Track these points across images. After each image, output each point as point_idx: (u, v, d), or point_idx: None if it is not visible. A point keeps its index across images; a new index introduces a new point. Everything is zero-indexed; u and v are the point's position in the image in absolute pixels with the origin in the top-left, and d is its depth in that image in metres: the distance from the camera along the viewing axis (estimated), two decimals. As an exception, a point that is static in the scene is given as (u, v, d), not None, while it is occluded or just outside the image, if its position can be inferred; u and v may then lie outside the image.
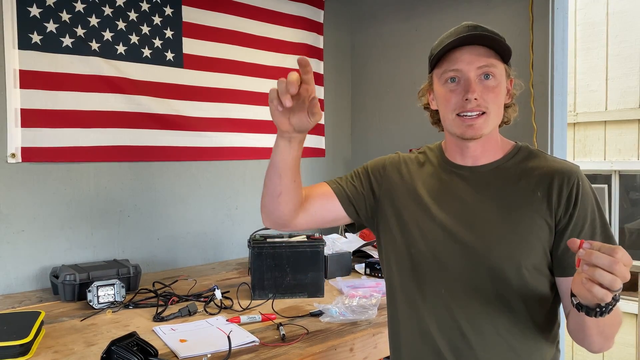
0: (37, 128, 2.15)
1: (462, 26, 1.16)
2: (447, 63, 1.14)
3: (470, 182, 1.18)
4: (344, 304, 1.79)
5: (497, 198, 1.14)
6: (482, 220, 1.13)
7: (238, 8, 2.78)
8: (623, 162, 5.48)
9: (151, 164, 2.52)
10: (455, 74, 1.13)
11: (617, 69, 5.49)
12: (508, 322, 1.10)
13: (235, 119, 2.78)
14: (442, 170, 1.23)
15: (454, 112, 1.13)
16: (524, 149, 1.20)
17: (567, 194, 1.09)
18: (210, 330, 1.60)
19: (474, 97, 1.10)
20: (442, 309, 1.14)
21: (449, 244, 1.14)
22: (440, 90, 1.17)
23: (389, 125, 3.17)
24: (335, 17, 3.30)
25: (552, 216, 1.09)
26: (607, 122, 5.60)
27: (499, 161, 1.18)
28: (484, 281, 1.10)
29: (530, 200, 1.11)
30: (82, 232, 2.31)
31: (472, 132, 1.12)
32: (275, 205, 1.20)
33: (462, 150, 1.20)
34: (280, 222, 1.24)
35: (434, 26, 2.89)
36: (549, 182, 1.11)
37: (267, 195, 1.21)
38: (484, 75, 1.12)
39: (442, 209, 1.18)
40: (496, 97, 1.13)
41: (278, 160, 1.13)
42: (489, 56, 1.12)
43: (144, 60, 2.45)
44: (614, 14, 5.47)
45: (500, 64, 1.14)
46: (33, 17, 2.12)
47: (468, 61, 1.11)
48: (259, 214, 1.28)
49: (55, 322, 1.71)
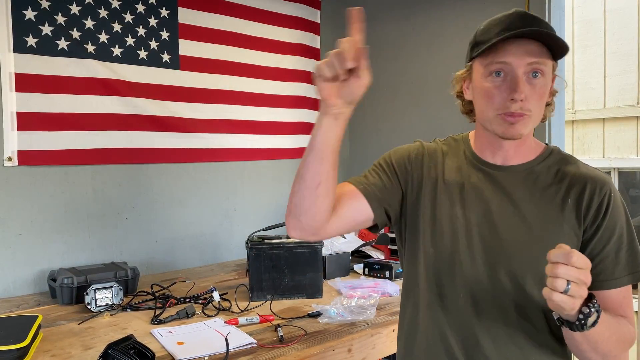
0: (33, 131, 2.14)
1: (514, 14, 1.05)
2: (495, 54, 1.04)
3: (499, 183, 1.12)
4: (343, 305, 1.78)
5: (525, 203, 1.08)
6: (507, 225, 1.08)
7: (234, 9, 2.78)
8: (622, 160, 5.48)
9: (148, 166, 2.51)
10: (503, 67, 1.03)
11: (615, 67, 5.49)
12: (525, 333, 1.06)
13: (232, 120, 2.77)
14: (469, 166, 1.16)
15: (496, 111, 1.05)
16: (555, 152, 1.15)
17: (598, 203, 1.04)
18: (208, 333, 1.60)
19: (520, 98, 1.01)
20: (459, 313, 1.09)
21: (471, 246, 1.09)
22: (483, 84, 1.07)
23: (387, 124, 3.17)
24: (332, 17, 3.29)
25: (580, 226, 1.05)
26: (605, 120, 5.60)
27: (530, 163, 1.12)
28: (503, 289, 1.06)
29: (559, 208, 1.06)
30: (80, 235, 2.30)
31: (512, 132, 1.05)
32: (313, 200, 1.05)
33: (494, 148, 1.13)
34: (313, 224, 1.08)
35: (431, 25, 2.88)
36: (580, 190, 1.06)
37: (303, 189, 1.05)
38: (533, 74, 1.03)
39: (467, 208, 1.12)
40: (541, 98, 1.05)
41: (320, 142, 1.01)
42: (541, 54, 1.03)
43: (140, 62, 2.44)
44: (612, 11, 5.46)
45: (550, 62, 1.05)
46: (28, 20, 2.12)
47: (519, 55, 1.02)
48: (257, 215, 1.24)
49: (53, 326, 1.70)
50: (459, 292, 1.10)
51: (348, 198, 1.14)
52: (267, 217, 2.86)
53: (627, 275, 1.05)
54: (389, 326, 1.67)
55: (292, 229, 1.11)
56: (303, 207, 1.06)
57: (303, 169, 1.04)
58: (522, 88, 1.01)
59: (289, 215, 1.09)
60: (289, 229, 1.11)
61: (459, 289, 1.10)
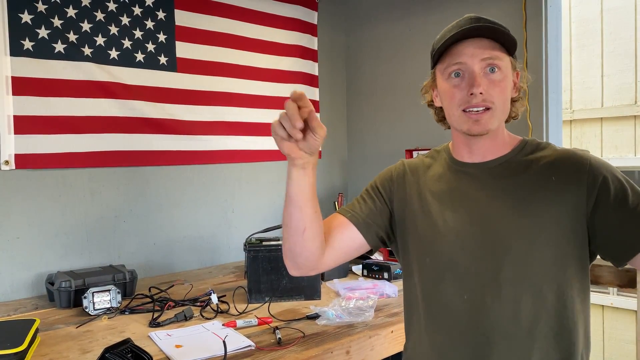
0: (30, 135, 2.14)
1: (464, 19, 1.12)
2: (450, 57, 1.10)
3: (480, 180, 1.14)
4: (341, 306, 1.78)
5: (510, 191, 1.10)
6: (497, 217, 1.09)
7: (231, 11, 2.78)
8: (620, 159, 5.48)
9: (146, 169, 2.51)
10: (459, 67, 1.09)
11: (612, 66, 5.49)
12: (538, 322, 1.05)
13: (229, 122, 2.77)
14: (449, 171, 1.19)
15: (459, 108, 1.09)
16: (531, 142, 1.16)
17: (588, 169, 1.04)
18: (206, 335, 1.59)
19: (479, 91, 1.06)
20: (466, 315, 1.09)
21: (467, 248, 1.10)
22: (444, 86, 1.13)
23: (385, 125, 3.17)
24: (329, 19, 3.29)
25: (577, 196, 1.04)
26: (603, 119, 5.60)
27: (507, 155, 1.14)
28: (508, 281, 1.06)
29: (545, 186, 1.07)
30: (78, 238, 2.30)
31: (478, 128, 1.08)
32: (302, 245, 1.12)
33: (469, 147, 1.16)
34: (309, 263, 1.16)
35: (428, 26, 2.88)
36: (562, 166, 1.07)
37: (291, 236, 1.12)
38: (489, 69, 1.08)
39: (455, 211, 1.13)
40: (502, 92, 1.09)
41: (296, 193, 1.07)
42: (493, 48, 1.08)
43: (137, 65, 2.44)
44: (609, 10, 5.47)
45: (506, 57, 1.10)
46: (24, 24, 2.11)
47: (472, 54, 1.07)
48: (255, 217, 1.27)
49: (51, 330, 1.70)
50: (462, 295, 1.09)
51: (339, 229, 1.21)
52: (265, 219, 2.86)
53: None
54: (387, 328, 1.67)
55: (291, 269, 1.19)
56: (295, 252, 1.14)
57: (287, 219, 1.11)
58: (480, 82, 1.06)
59: (285, 258, 1.18)
60: (289, 269, 1.20)
61: (462, 292, 1.09)
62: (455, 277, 1.11)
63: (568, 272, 1.07)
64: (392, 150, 3.04)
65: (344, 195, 3.19)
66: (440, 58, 1.13)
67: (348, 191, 3.38)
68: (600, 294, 5.11)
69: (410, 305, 1.24)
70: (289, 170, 1.06)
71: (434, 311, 1.14)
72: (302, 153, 1.01)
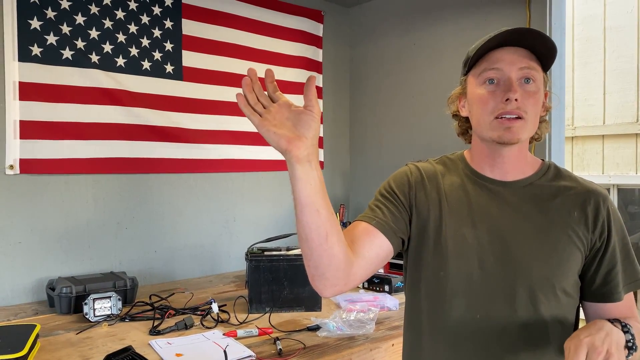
0: (35, 140, 2.15)
1: (503, 30, 1.09)
2: (487, 62, 1.08)
3: (504, 198, 1.12)
4: (342, 318, 1.78)
5: (533, 217, 1.09)
6: (518, 240, 1.08)
7: (237, 21, 2.80)
8: (621, 176, 5.50)
9: (149, 176, 2.51)
10: (496, 74, 1.07)
11: (614, 84, 5.52)
12: (545, 350, 1.07)
13: (233, 132, 2.79)
14: (470, 183, 1.16)
15: (491, 115, 1.07)
16: (552, 167, 1.17)
17: (605, 215, 1.08)
18: (207, 345, 1.59)
19: (515, 97, 1.03)
20: (477, 334, 1.08)
21: (485, 267, 1.08)
22: (477, 92, 1.10)
23: (388, 137, 3.18)
24: (335, 31, 3.32)
25: (587, 237, 1.08)
26: (605, 136, 5.62)
27: (531, 178, 1.14)
28: (523, 305, 1.06)
29: (566, 220, 1.08)
30: (79, 244, 2.30)
31: (509, 136, 1.05)
32: (330, 252, 0.99)
33: (493, 160, 1.13)
34: (340, 274, 1.03)
35: (432, 40, 2.91)
36: (584, 203, 1.09)
37: (314, 249, 0.99)
38: (525, 80, 1.06)
39: (475, 227, 1.10)
40: (535, 104, 1.07)
41: (308, 194, 0.95)
42: (531, 59, 1.07)
43: (143, 73, 2.46)
44: (611, 29, 5.51)
45: (541, 71, 1.09)
46: (33, 30, 2.13)
47: (510, 61, 1.06)
48: (256, 227, 1.23)
49: (51, 335, 1.70)
50: (475, 313, 1.08)
51: (365, 237, 1.11)
52: (267, 228, 2.86)
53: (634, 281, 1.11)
54: (388, 341, 1.67)
55: (323, 289, 1.05)
56: (323, 265, 1.01)
57: (305, 230, 0.98)
58: (516, 88, 1.05)
59: (313, 279, 1.05)
60: (321, 291, 1.06)
61: (474, 311, 1.09)
62: (469, 295, 1.09)
63: (570, 306, 1.10)
64: (395, 162, 3.02)
65: (346, 206, 3.19)
66: (476, 64, 1.11)
67: (350, 203, 3.39)
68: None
69: (411, 319, 1.22)
70: (292, 172, 0.94)
71: (439, 327, 1.13)
72: (302, 142, 0.92)
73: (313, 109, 0.93)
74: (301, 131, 0.93)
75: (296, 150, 0.92)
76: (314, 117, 0.93)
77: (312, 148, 0.94)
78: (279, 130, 0.93)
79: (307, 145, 0.93)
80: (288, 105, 0.95)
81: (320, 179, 0.98)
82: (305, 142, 0.93)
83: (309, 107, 0.93)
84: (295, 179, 0.95)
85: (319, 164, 0.98)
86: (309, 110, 0.93)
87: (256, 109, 0.94)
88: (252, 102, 0.95)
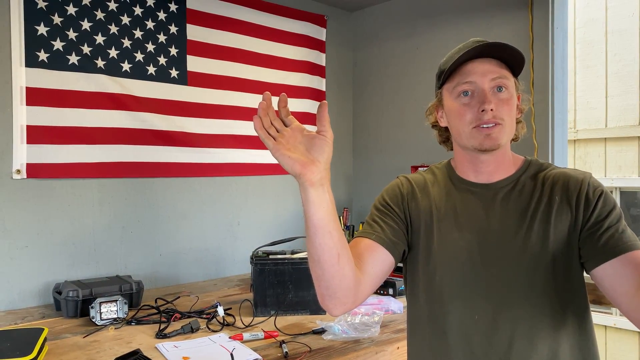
0: (42, 144, 2.17)
1: (470, 41, 1.15)
2: (460, 76, 1.13)
3: (487, 199, 1.16)
4: (347, 322, 1.79)
5: (518, 211, 1.12)
6: (507, 237, 1.11)
7: (242, 26, 2.82)
8: (623, 179, 5.50)
9: (154, 180, 2.53)
10: (469, 87, 1.11)
11: (616, 87, 5.53)
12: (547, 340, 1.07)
13: (238, 136, 2.80)
14: (455, 189, 1.20)
15: (470, 126, 1.11)
16: (534, 163, 1.20)
17: (585, 192, 1.08)
18: (213, 348, 1.60)
19: (490, 107, 1.08)
20: (477, 336, 1.10)
21: (478, 267, 1.11)
22: (453, 105, 1.14)
23: (391, 141, 3.19)
24: (338, 36, 3.34)
25: (574, 216, 1.08)
26: (607, 139, 5.63)
27: (513, 176, 1.17)
28: (518, 302, 1.08)
29: (550, 205, 1.10)
30: (85, 248, 2.31)
31: (490, 143, 1.10)
32: (341, 272, 1.02)
33: (475, 166, 1.17)
34: (349, 293, 1.06)
35: (435, 44, 2.92)
36: (565, 186, 1.11)
37: (326, 270, 1.02)
38: (497, 88, 1.11)
39: (465, 231, 1.14)
40: (510, 110, 1.12)
41: (322, 217, 0.98)
42: (501, 68, 1.12)
43: (148, 78, 2.48)
44: (613, 32, 5.52)
45: (512, 78, 1.14)
46: (40, 36, 2.15)
47: (481, 72, 1.10)
48: (261, 230, 1.24)
49: (58, 339, 1.71)
50: (473, 315, 1.10)
51: (368, 253, 1.14)
52: (271, 232, 2.88)
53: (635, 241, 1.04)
54: (393, 344, 1.67)
55: (333, 309, 1.08)
56: (334, 285, 1.04)
57: (318, 252, 1.00)
58: (490, 99, 1.09)
59: (323, 300, 1.07)
60: (331, 310, 1.08)
61: (472, 313, 1.10)
62: (465, 297, 1.12)
63: (571, 291, 1.09)
64: (398, 166, 3.06)
65: (349, 210, 3.20)
66: (449, 78, 1.16)
67: (353, 206, 3.40)
68: (603, 314, 5.09)
69: (414, 324, 1.24)
70: (306, 196, 0.96)
71: (441, 331, 1.14)
72: (316, 166, 0.94)
73: (327, 133, 0.96)
74: (315, 155, 0.96)
75: (310, 174, 0.95)
76: (327, 141, 0.96)
77: (324, 172, 0.97)
78: (293, 154, 0.96)
79: (321, 169, 0.96)
80: (300, 129, 0.99)
81: (332, 201, 1.00)
82: (318, 166, 0.95)
83: (322, 132, 0.97)
84: (308, 202, 0.97)
85: (329, 186, 1.00)
86: (323, 135, 0.96)
87: (270, 132, 0.97)
88: (266, 125, 0.98)
